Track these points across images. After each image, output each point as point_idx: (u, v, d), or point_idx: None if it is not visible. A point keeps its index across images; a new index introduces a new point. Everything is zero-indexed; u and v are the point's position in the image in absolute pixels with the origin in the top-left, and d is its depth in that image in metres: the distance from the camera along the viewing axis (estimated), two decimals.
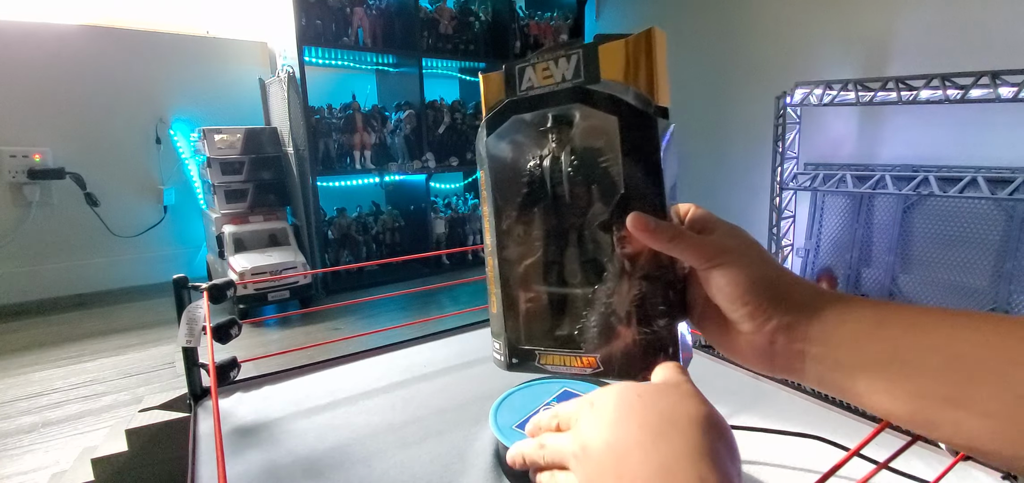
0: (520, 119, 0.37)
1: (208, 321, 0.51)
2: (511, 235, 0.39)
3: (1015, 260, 1.30)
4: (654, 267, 0.34)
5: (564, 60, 0.35)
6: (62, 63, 1.78)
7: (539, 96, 0.36)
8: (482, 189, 0.40)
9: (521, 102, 0.37)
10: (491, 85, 0.39)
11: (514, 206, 0.39)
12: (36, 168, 1.75)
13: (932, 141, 1.49)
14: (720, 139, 2.09)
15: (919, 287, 1.48)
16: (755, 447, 0.47)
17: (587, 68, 0.34)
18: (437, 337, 0.75)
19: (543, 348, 0.40)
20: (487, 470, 0.44)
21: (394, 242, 2.19)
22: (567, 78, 0.35)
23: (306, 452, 0.47)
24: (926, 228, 1.47)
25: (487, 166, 0.39)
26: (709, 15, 2.09)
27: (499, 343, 0.42)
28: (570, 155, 0.36)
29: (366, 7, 1.96)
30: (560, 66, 0.35)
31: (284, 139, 1.85)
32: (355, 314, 1.61)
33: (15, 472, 0.84)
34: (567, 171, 0.36)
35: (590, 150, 0.35)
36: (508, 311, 0.41)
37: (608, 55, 0.34)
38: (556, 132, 0.36)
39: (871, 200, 1.57)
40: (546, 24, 2.42)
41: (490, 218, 0.40)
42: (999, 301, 1.33)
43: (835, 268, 1.65)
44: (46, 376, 1.21)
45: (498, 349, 0.42)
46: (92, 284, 1.89)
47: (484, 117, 0.39)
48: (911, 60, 1.53)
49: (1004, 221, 1.33)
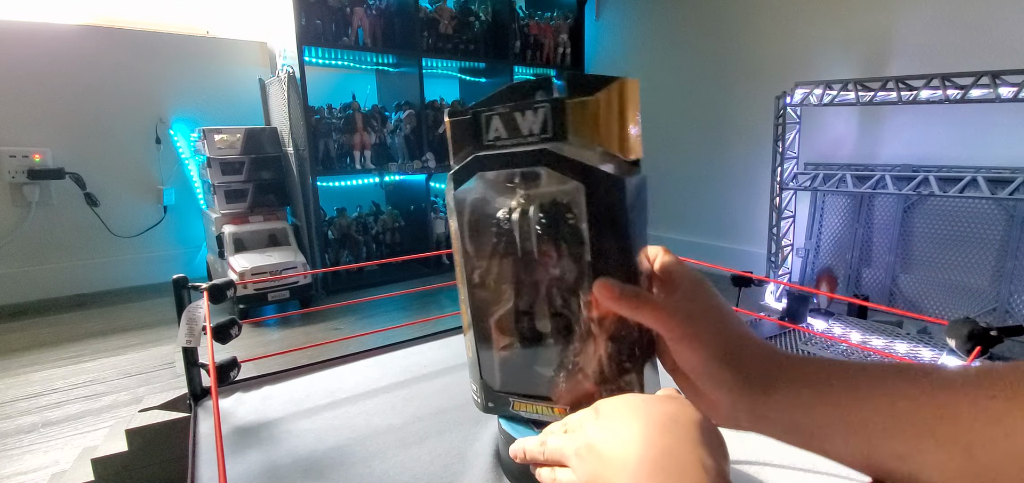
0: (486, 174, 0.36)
1: (208, 321, 0.51)
2: (483, 284, 0.39)
3: (1015, 260, 1.30)
4: (620, 327, 0.34)
5: (531, 113, 0.33)
6: (62, 63, 1.78)
7: (505, 155, 0.35)
8: (453, 239, 0.40)
9: (487, 159, 0.36)
10: (457, 131, 0.37)
11: (484, 256, 0.38)
12: (36, 168, 1.75)
13: (932, 141, 1.49)
14: (720, 139, 2.09)
15: (919, 287, 1.48)
16: (755, 447, 0.46)
17: (555, 124, 0.33)
18: (437, 337, 0.75)
19: (517, 396, 0.40)
20: (487, 470, 0.44)
21: (394, 242, 2.19)
22: (534, 133, 0.34)
23: (306, 452, 0.47)
24: (926, 228, 1.46)
25: (455, 216, 0.39)
26: (709, 15, 2.09)
27: (476, 386, 0.42)
28: (538, 211, 0.35)
29: (366, 7, 1.96)
30: (527, 119, 0.34)
31: (284, 139, 1.85)
32: (355, 314, 1.61)
33: (15, 472, 0.84)
34: (535, 227, 0.35)
35: (557, 206, 0.34)
36: (483, 357, 0.41)
37: (577, 112, 0.32)
38: (524, 186, 0.35)
39: (871, 200, 1.57)
40: (546, 24, 2.42)
41: (461, 267, 0.39)
42: (999, 301, 1.33)
43: (835, 268, 1.65)
44: (46, 376, 1.21)
45: (475, 392, 0.43)
46: (92, 284, 1.89)
47: (451, 167, 0.38)
48: (911, 60, 1.53)
49: (1004, 221, 1.33)
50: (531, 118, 0.34)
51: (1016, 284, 1.30)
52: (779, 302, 1.60)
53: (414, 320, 1.45)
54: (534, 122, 0.34)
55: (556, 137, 0.33)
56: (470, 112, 0.36)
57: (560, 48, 2.46)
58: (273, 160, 1.83)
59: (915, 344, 1.28)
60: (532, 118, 0.34)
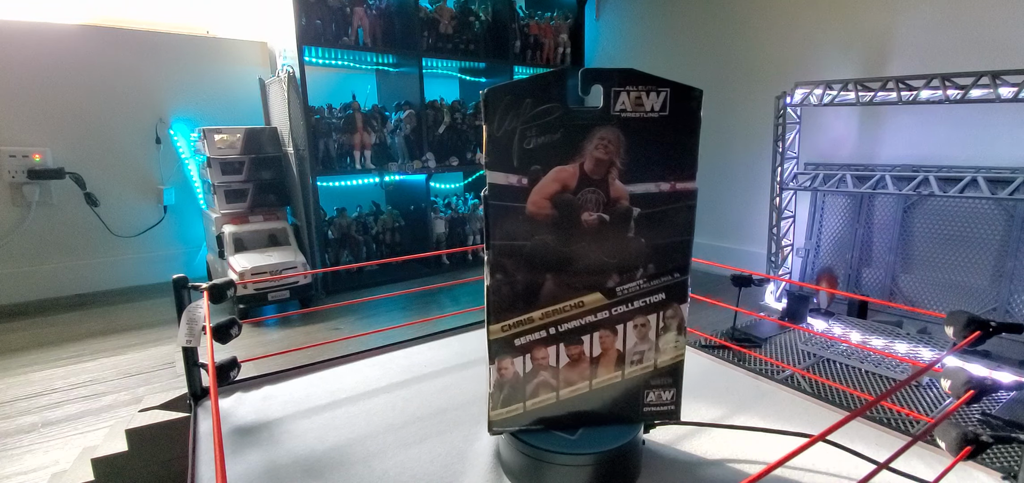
0: None
1: (208, 321, 0.51)
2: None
3: (1016, 260, 1.30)
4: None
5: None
6: (62, 63, 1.78)
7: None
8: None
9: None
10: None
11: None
12: (36, 168, 1.75)
13: (932, 141, 1.49)
14: (720, 139, 2.09)
15: (919, 287, 1.48)
16: (755, 447, 0.46)
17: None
18: (437, 337, 0.75)
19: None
20: (487, 470, 0.44)
21: (394, 242, 2.19)
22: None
23: (306, 452, 0.47)
24: (926, 228, 1.47)
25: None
26: (709, 15, 2.09)
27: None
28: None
29: (366, 7, 1.96)
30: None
31: (284, 139, 1.85)
32: (355, 314, 1.61)
33: (15, 472, 0.84)
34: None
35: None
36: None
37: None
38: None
39: (871, 200, 1.57)
40: (546, 24, 2.42)
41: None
42: (1000, 300, 1.33)
43: (835, 268, 1.65)
44: (46, 376, 1.21)
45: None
46: (92, 284, 1.89)
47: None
48: (911, 60, 1.53)
49: (1004, 221, 1.33)
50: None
51: (1016, 284, 1.30)
52: (779, 302, 1.60)
53: (414, 320, 1.45)
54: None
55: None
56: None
57: (560, 48, 2.46)
58: (273, 160, 1.83)
59: (915, 344, 1.28)
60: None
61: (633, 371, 0.42)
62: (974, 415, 0.98)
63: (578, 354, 0.41)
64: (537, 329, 0.40)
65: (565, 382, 0.41)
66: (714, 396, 0.56)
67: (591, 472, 0.39)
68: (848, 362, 1.22)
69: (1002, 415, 0.98)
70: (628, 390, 0.42)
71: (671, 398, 0.43)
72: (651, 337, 0.41)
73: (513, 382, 0.41)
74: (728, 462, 0.45)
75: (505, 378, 0.41)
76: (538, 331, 0.40)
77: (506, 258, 0.39)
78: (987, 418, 0.97)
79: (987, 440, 0.33)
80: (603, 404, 0.42)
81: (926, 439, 0.46)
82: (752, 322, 1.42)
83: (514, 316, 0.40)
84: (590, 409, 0.42)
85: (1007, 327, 0.39)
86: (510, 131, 0.37)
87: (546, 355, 0.40)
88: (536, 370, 0.41)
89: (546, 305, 0.40)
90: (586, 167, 0.38)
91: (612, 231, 0.39)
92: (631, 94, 0.37)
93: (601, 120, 0.37)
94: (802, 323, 1.45)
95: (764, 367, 1.19)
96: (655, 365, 0.42)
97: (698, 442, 0.47)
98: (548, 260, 0.39)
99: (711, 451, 0.46)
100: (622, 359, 0.41)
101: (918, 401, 1.06)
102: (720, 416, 0.51)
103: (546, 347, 0.40)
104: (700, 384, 0.59)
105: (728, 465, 0.44)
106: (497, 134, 0.37)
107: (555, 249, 0.39)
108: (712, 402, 0.54)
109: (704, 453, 0.46)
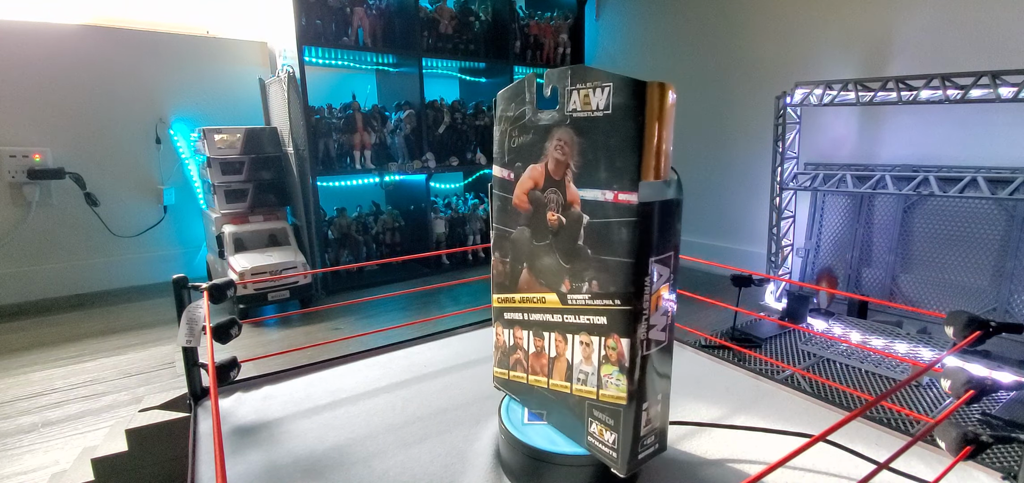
0: None
1: (208, 321, 0.51)
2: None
3: (1016, 260, 1.30)
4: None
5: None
6: (62, 63, 1.78)
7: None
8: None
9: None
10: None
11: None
12: (36, 168, 1.75)
13: (932, 141, 1.49)
14: (720, 139, 2.09)
15: (919, 287, 1.48)
16: (755, 447, 0.47)
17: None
18: (437, 337, 0.75)
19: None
20: (487, 470, 0.44)
21: (394, 242, 2.19)
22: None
23: (306, 452, 0.47)
24: (926, 228, 1.47)
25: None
26: (709, 15, 2.09)
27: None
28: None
29: (366, 7, 1.96)
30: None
31: (284, 139, 1.85)
32: (355, 314, 1.61)
33: (15, 472, 0.84)
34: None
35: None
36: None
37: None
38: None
39: (871, 200, 1.57)
40: (546, 24, 2.42)
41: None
42: (1000, 300, 1.33)
43: (835, 268, 1.65)
44: (46, 376, 1.21)
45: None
46: (92, 284, 1.89)
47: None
48: (911, 60, 1.53)
49: (1004, 221, 1.33)
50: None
51: (1016, 284, 1.30)
52: (779, 302, 1.60)
53: (414, 320, 1.45)
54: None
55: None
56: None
57: (560, 48, 2.46)
58: (273, 160, 1.83)
59: (915, 344, 1.28)
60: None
61: (579, 390, 0.39)
62: (974, 415, 0.98)
63: (541, 347, 0.42)
64: (516, 310, 0.44)
65: (532, 369, 0.44)
66: (714, 396, 0.56)
67: (591, 472, 0.39)
68: (848, 362, 1.22)
69: (1002, 415, 0.97)
70: (574, 408, 0.39)
71: (612, 442, 0.36)
72: (594, 361, 0.37)
73: (503, 350, 0.46)
74: (728, 462, 0.45)
75: (498, 343, 0.47)
76: (517, 312, 0.44)
77: (502, 240, 0.44)
78: (987, 418, 0.97)
79: (987, 440, 0.33)
80: (558, 410, 0.41)
81: (926, 439, 0.46)
82: (752, 322, 1.42)
83: (504, 293, 0.45)
84: (550, 410, 0.42)
85: (1007, 327, 0.39)
86: (502, 130, 0.42)
87: (521, 337, 0.44)
88: (515, 346, 0.45)
89: (522, 291, 0.43)
90: (549, 167, 0.38)
91: (566, 235, 0.38)
92: (581, 92, 0.35)
93: (559, 121, 0.37)
94: (802, 323, 1.45)
95: (764, 367, 1.19)
96: (597, 395, 0.37)
97: (698, 442, 0.47)
98: (524, 250, 0.42)
99: (711, 451, 0.46)
100: (571, 372, 0.39)
101: (918, 401, 1.06)
102: (720, 416, 0.51)
103: (521, 330, 0.44)
104: (700, 384, 0.59)
105: (728, 465, 0.44)
106: (496, 132, 0.42)
107: (528, 241, 0.41)
108: (712, 402, 0.54)
109: (704, 453, 0.46)
